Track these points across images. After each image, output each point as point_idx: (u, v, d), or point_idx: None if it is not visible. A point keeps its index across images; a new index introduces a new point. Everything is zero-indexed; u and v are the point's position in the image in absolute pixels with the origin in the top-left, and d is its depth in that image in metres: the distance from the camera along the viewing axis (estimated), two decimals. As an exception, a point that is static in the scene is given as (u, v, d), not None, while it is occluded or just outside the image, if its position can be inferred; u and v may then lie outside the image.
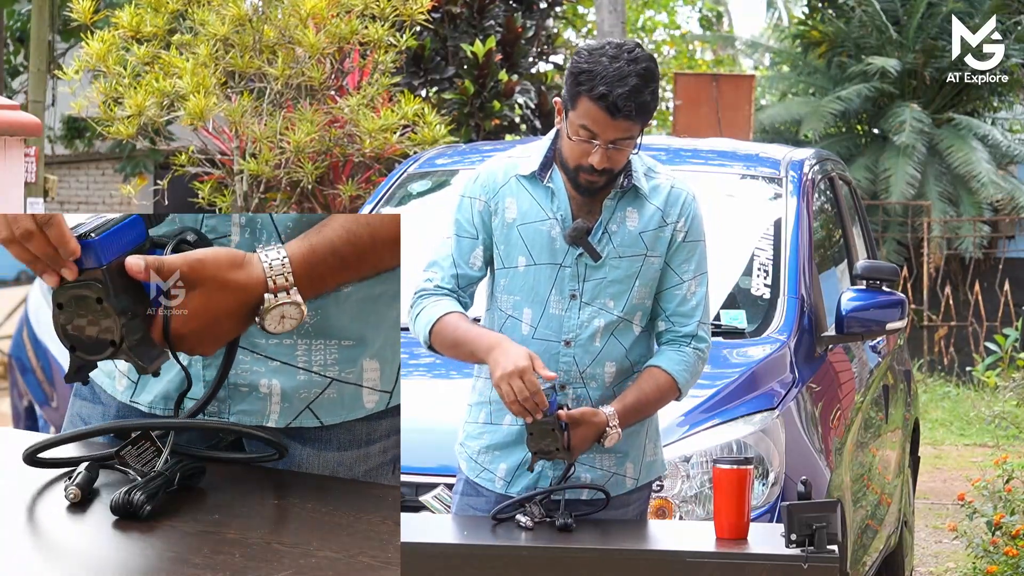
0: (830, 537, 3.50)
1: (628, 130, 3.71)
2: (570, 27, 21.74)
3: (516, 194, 3.85)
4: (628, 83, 3.67)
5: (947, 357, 16.24)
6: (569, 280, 3.82)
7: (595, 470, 3.86)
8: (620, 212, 3.82)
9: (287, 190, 9.47)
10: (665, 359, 3.86)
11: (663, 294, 3.88)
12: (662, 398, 3.86)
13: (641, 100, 3.68)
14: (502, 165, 3.89)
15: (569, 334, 3.81)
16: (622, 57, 3.69)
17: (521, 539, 3.66)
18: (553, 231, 3.81)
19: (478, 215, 3.87)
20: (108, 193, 19.69)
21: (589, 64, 3.70)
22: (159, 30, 9.09)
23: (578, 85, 3.70)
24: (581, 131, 3.73)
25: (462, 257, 3.87)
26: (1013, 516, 6.58)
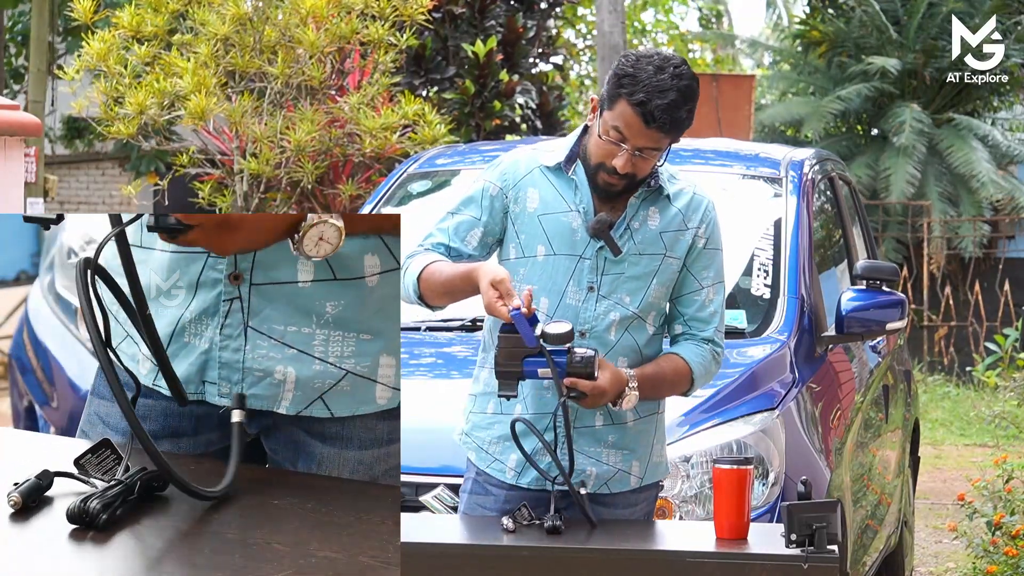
0: (830, 537, 3.50)
1: (658, 141, 3.75)
2: (570, 27, 21.76)
3: (539, 185, 3.88)
4: (668, 96, 3.71)
5: (947, 357, 16.24)
6: (588, 272, 3.84)
7: (601, 464, 3.87)
8: (644, 211, 3.87)
9: (287, 190, 9.47)
10: (684, 349, 3.90)
11: (682, 298, 3.91)
12: (677, 383, 3.89)
13: (677, 115, 3.73)
14: (526, 156, 3.93)
15: (584, 325, 3.83)
16: (667, 70, 3.73)
17: (521, 539, 3.66)
18: (575, 223, 3.84)
19: (489, 199, 3.89)
20: (108, 193, 19.69)
21: (635, 69, 3.74)
22: (159, 30, 9.09)
23: (619, 87, 3.74)
24: (612, 132, 3.76)
25: (458, 233, 3.90)
26: (1013, 516, 6.58)
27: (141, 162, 18.37)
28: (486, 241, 3.90)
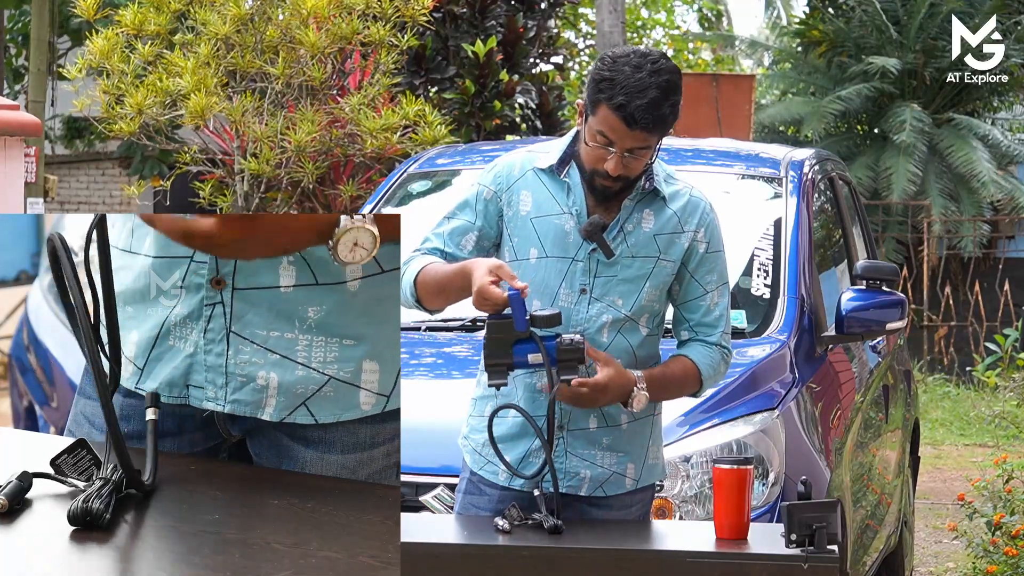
0: (830, 537, 3.50)
1: (644, 140, 3.73)
2: (570, 27, 21.74)
3: (532, 187, 3.86)
4: (648, 95, 3.68)
5: (947, 357, 16.24)
6: (580, 275, 3.83)
7: (596, 467, 3.86)
8: (638, 213, 3.84)
9: (288, 190, 9.47)
10: (692, 351, 3.89)
11: (688, 304, 3.90)
12: (685, 383, 3.88)
13: (660, 113, 3.70)
14: (520, 158, 3.91)
15: (577, 328, 3.81)
16: (645, 67, 3.70)
17: (521, 539, 3.66)
18: (567, 225, 3.83)
19: (483, 203, 3.88)
20: (108, 193, 19.68)
21: (611, 72, 3.70)
22: (162, 28, 9.09)
23: (598, 92, 3.71)
24: (598, 137, 3.74)
25: (453, 238, 3.89)
26: (1013, 516, 6.58)
27: (144, 166, 18.38)
28: (482, 245, 3.89)
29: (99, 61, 9.11)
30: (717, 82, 16.68)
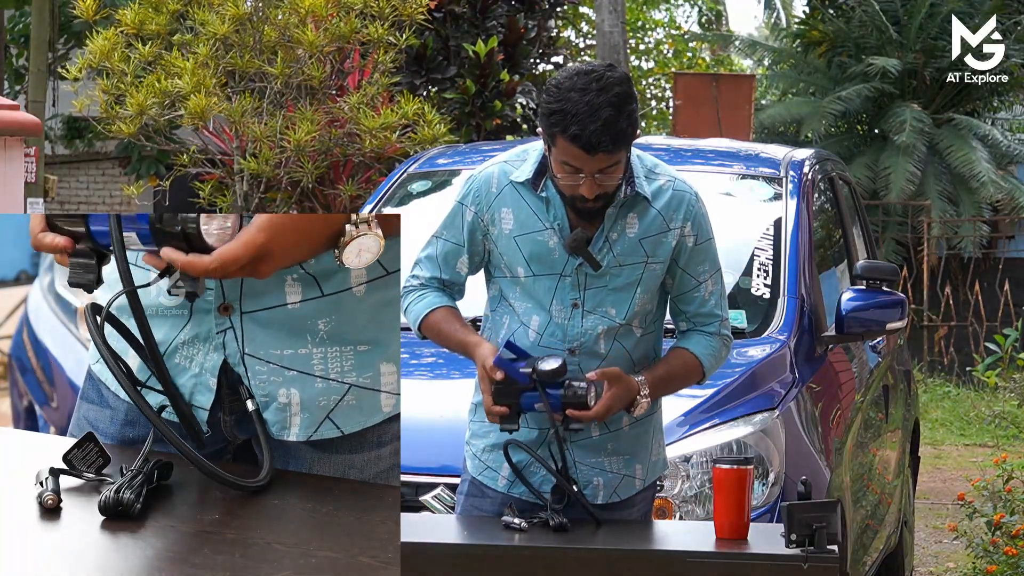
0: (830, 537, 3.50)
1: (611, 159, 3.65)
2: (571, 27, 21.75)
3: (512, 204, 3.81)
4: (600, 116, 3.59)
5: (947, 357, 16.24)
6: (570, 289, 3.80)
7: (606, 473, 3.85)
8: (622, 220, 3.79)
9: (287, 190, 9.47)
10: (692, 343, 3.89)
11: (683, 297, 3.88)
12: (688, 376, 3.88)
13: (617, 130, 3.61)
14: (496, 172, 3.85)
15: (574, 343, 3.80)
16: (591, 89, 3.61)
17: (521, 539, 3.66)
18: (551, 241, 3.78)
19: (467, 224, 3.85)
20: (108, 193, 19.68)
21: (559, 103, 3.62)
22: (161, 28, 9.09)
23: (552, 126, 3.64)
24: (565, 167, 3.68)
25: (447, 263, 3.88)
26: (1013, 516, 6.58)
27: (142, 165, 18.38)
28: (474, 262, 3.88)
29: (99, 61, 9.11)
30: (717, 82, 16.69)
